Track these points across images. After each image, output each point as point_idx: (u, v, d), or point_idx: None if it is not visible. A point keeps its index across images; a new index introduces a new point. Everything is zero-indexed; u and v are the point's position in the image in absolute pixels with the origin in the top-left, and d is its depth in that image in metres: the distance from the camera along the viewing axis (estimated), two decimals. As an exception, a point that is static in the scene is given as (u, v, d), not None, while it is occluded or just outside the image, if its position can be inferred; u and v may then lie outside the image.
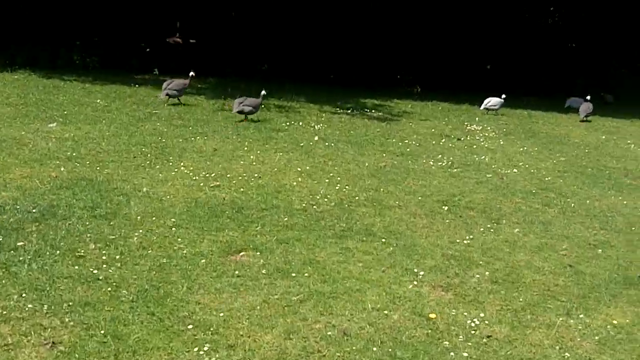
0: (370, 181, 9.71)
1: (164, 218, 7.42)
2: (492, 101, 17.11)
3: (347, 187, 9.26)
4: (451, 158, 11.71)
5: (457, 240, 7.72)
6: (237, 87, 16.71)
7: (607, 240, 8.27)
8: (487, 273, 6.88)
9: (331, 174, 9.81)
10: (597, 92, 20.81)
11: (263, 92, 13.31)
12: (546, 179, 11.06)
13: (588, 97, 18.35)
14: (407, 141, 12.74)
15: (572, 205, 9.64)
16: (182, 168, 9.35)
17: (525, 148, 13.36)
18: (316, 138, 12.08)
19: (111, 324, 5.16)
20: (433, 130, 14.27)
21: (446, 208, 8.82)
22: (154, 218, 7.38)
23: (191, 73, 14.32)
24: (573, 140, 14.95)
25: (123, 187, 8.28)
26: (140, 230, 7.00)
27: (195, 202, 8.04)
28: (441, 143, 12.97)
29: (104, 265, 6.13)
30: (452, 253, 7.32)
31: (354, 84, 19.77)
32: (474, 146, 13.03)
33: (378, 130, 13.53)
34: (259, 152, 10.69)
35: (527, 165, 11.82)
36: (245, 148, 10.82)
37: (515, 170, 11.40)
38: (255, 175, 9.39)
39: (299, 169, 9.88)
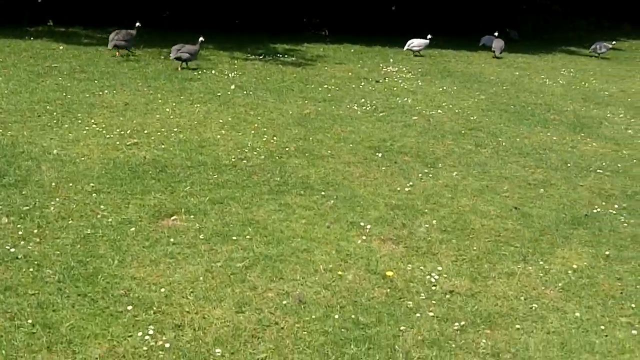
0: (297, 130, 9.20)
1: (81, 183, 6.73)
2: (414, 42, 16.88)
3: (275, 138, 8.73)
4: (374, 102, 11.30)
5: (398, 189, 7.35)
6: (139, 37, 15.71)
7: (546, 179, 8.08)
8: (434, 222, 6.54)
9: (255, 125, 9.24)
10: (501, 29, 20.76)
11: (201, 38, 12.82)
12: (472, 118, 10.81)
13: (496, 34, 18.37)
14: (326, 86, 12.24)
15: (504, 144, 9.42)
16: (93, 126, 8.59)
17: (444, 88, 13.08)
18: (233, 87, 11.43)
19: (38, 310, 4.54)
20: (350, 73, 13.80)
21: (380, 155, 8.42)
22: (70, 184, 6.68)
23: (137, 24, 13.65)
24: (489, 78, 14.78)
25: (31, 150, 7.49)
26: (57, 199, 6.30)
27: (113, 162, 7.35)
28: (361, 86, 12.53)
29: (22, 242, 5.44)
30: (395, 202, 6.94)
31: (261, 29, 18.96)
32: (394, 88, 12.66)
33: (295, 76, 12.96)
34: (174, 104, 9.98)
35: (450, 105, 11.54)
36: (160, 100, 10.08)
37: (439, 111, 11.09)
38: (175, 129, 8.73)
39: (221, 121, 9.27)
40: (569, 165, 8.70)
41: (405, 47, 16.91)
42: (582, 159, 9.02)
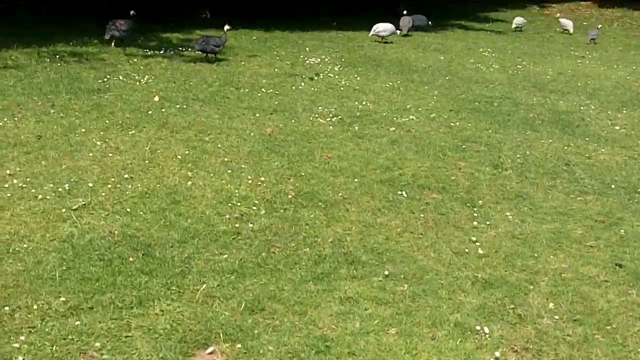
0: (278, 161, 7.14)
1: (42, 295, 4.40)
2: (380, 27, 15.42)
3: (261, 178, 6.63)
4: (332, 108, 9.38)
5: (465, 250, 5.56)
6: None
7: (607, 211, 6.61)
8: (550, 305, 4.85)
9: (224, 159, 7.08)
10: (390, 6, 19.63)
11: (227, 26, 11.87)
12: (450, 124, 9.18)
13: (405, 12, 17.05)
14: (263, 89, 10.14)
15: (518, 160, 7.88)
16: (12, 180, 6.11)
17: (390, 83, 11.35)
18: (156, 99, 9.09)
19: None
20: (276, 70, 11.73)
21: (403, 193, 6.58)
22: (28, 299, 4.34)
23: (132, 12, 12.12)
24: (420, 66, 13.22)
25: (-58, 240, 5.02)
26: (22, 337, 3.97)
27: (71, 247, 5.03)
28: (300, 87, 10.54)
29: None
30: (479, 276, 5.15)
31: (139, 14, 16.25)
32: (339, 87, 10.77)
33: (216, 76, 10.73)
34: (101, 132, 7.57)
35: (419, 108, 9.83)
36: (81, 129, 7.61)
37: (411, 117, 9.35)
38: (124, 175, 6.42)
39: (178, 157, 7.02)
40: (612, 187, 7.26)
41: (371, 33, 15.55)
42: (615, 175, 7.65)
